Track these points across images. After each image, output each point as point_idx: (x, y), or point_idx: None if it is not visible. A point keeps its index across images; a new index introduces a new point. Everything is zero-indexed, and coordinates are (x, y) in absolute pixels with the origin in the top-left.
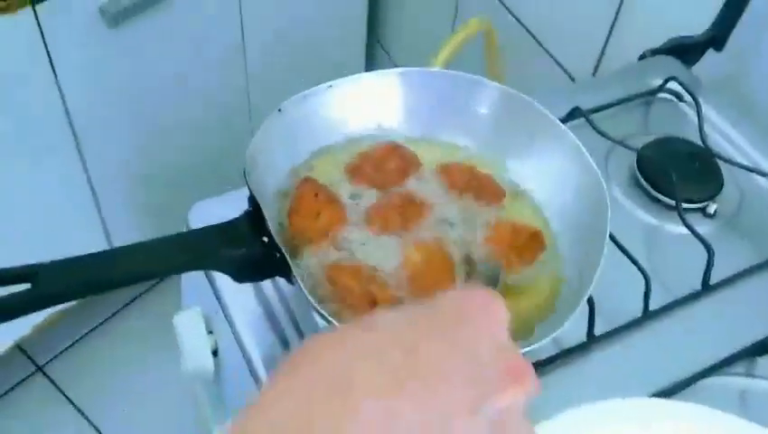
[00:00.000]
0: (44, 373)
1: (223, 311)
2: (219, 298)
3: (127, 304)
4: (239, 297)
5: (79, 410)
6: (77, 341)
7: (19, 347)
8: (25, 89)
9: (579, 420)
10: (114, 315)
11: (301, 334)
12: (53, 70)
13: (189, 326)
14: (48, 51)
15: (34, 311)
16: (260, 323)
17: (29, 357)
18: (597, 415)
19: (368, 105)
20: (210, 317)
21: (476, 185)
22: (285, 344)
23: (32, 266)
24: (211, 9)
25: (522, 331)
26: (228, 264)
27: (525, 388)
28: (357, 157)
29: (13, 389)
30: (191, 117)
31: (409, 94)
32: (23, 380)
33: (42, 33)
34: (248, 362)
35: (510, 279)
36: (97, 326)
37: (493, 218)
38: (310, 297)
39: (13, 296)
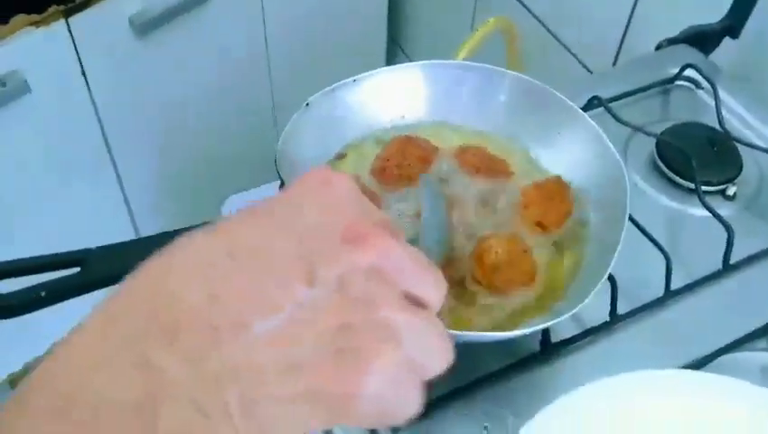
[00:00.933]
0: None
1: None
2: None
3: None
4: None
5: None
6: None
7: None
8: (59, 98)
9: (605, 391)
10: None
11: None
12: (85, 79)
13: None
14: (80, 61)
15: (84, 293)
16: None
17: None
18: (624, 386)
19: (392, 97)
20: None
21: (489, 166)
22: None
23: (82, 251)
24: (235, 13)
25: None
26: None
27: (364, 250)
28: (378, 160)
29: None
30: (218, 120)
31: (432, 86)
32: None
33: (74, 43)
34: None
35: (555, 237)
36: None
37: (515, 189)
38: None
39: (63, 279)
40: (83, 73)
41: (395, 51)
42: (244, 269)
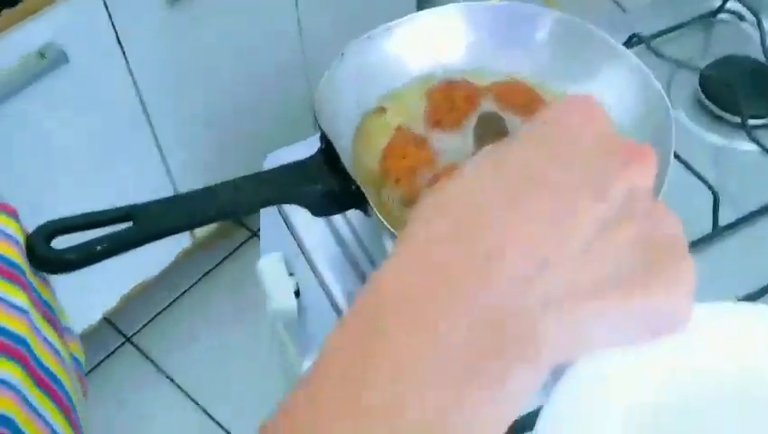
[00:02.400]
0: (133, 344)
1: (303, 253)
2: (298, 242)
3: (208, 272)
4: (318, 238)
5: (170, 379)
6: (162, 310)
7: (107, 320)
8: (97, 66)
9: None
10: (197, 282)
11: (375, 266)
12: (121, 46)
13: (271, 270)
14: (115, 29)
15: (136, 247)
16: (339, 261)
17: (117, 329)
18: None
19: (427, 43)
20: (290, 261)
21: (531, 105)
22: (363, 279)
23: (133, 206)
24: None
25: None
26: (306, 198)
27: (645, 163)
28: (428, 113)
29: (102, 362)
30: (252, 79)
31: (468, 28)
32: (113, 352)
33: (108, 12)
34: (330, 298)
35: None
36: (181, 295)
37: None
38: (386, 223)
39: (118, 234)
40: (118, 41)
41: (425, 4)
42: (536, 198)
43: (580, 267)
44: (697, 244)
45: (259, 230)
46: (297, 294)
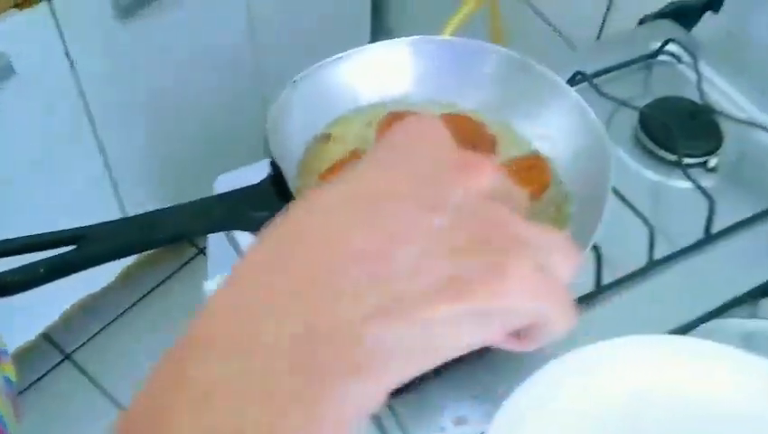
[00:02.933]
0: (72, 361)
1: None
2: None
3: (153, 289)
4: None
5: (109, 397)
6: (104, 327)
7: (46, 336)
8: (44, 79)
9: (590, 357)
10: (141, 299)
11: None
12: (70, 60)
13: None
14: (64, 42)
15: (81, 270)
16: None
17: (56, 345)
18: (609, 351)
19: (378, 74)
20: None
21: (474, 139)
22: None
23: (79, 229)
24: None
25: None
26: (255, 224)
27: (478, 170)
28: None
29: (41, 378)
30: (203, 100)
31: (418, 62)
32: (52, 369)
33: (58, 25)
34: None
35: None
36: (123, 313)
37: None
38: None
39: (60, 256)
40: (67, 54)
41: (379, 29)
42: (379, 210)
43: (413, 277)
44: (632, 277)
45: (206, 248)
46: None
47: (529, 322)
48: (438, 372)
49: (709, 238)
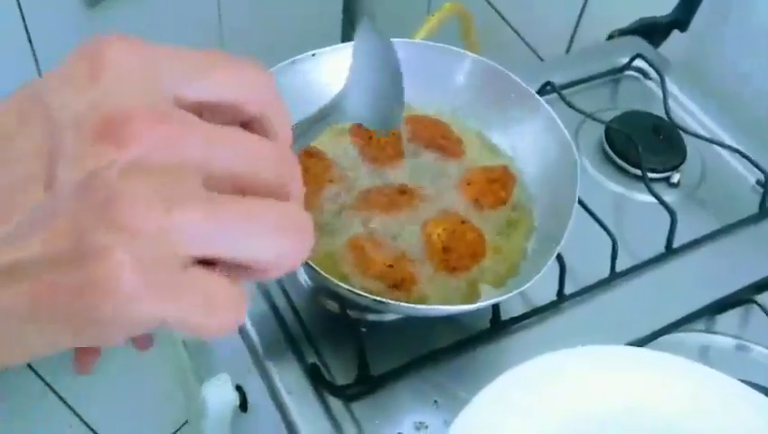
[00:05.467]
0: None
1: None
2: None
3: None
4: None
5: (54, 392)
6: None
7: None
8: (6, 70)
9: (551, 365)
10: None
11: (283, 288)
12: (32, 47)
13: None
14: (27, 29)
15: None
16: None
17: None
18: (568, 360)
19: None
20: None
21: (441, 144)
22: (268, 298)
23: None
24: None
25: (495, 284)
26: None
27: (120, 146)
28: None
29: None
30: None
31: None
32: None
33: (21, 12)
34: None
35: (490, 219)
36: None
37: (463, 167)
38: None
39: None
40: (29, 41)
41: (350, 36)
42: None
43: None
44: (593, 288)
45: None
46: None
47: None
48: (398, 375)
49: (670, 252)
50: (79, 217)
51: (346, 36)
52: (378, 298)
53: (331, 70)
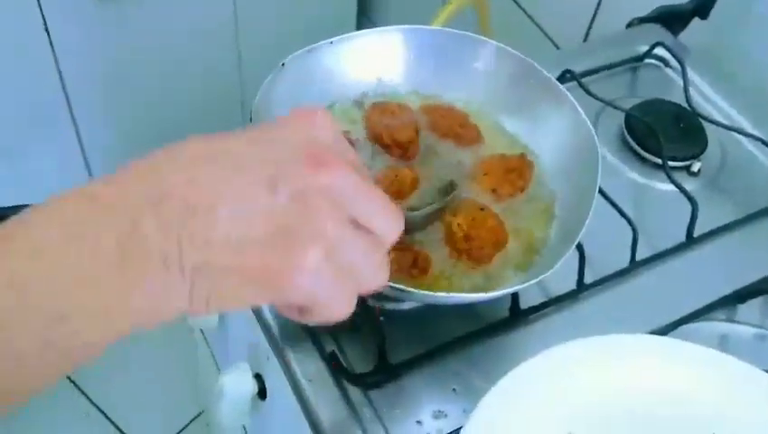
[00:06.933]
0: None
1: None
2: None
3: None
4: None
5: (70, 380)
6: None
7: None
8: (20, 54)
9: (570, 355)
10: None
11: None
12: (48, 36)
13: None
14: (44, 18)
15: None
16: None
17: None
18: (588, 349)
19: (366, 61)
20: None
21: (459, 132)
22: None
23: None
24: None
25: (516, 269)
26: None
27: (321, 174)
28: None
29: None
30: (184, 85)
31: (409, 51)
32: None
33: (40, 6)
34: (254, 310)
35: (505, 207)
36: None
37: (480, 155)
38: None
39: None
40: (46, 29)
41: (364, 24)
42: (220, 166)
43: (226, 223)
44: (613, 278)
45: None
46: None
47: (306, 303)
48: (417, 363)
49: (691, 241)
50: (292, 217)
51: (361, 24)
52: (397, 286)
53: (348, 58)
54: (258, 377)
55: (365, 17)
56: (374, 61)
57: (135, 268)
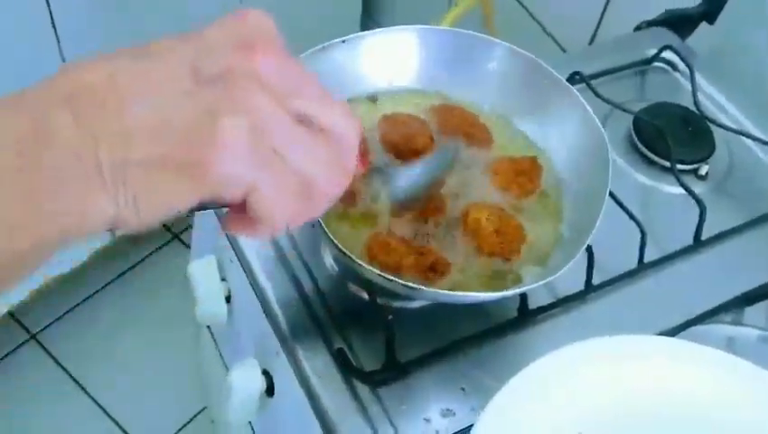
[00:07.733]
0: (37, 341)
1: (238, 257)
2: (233, 245)
3: (123, 273)
4: (254, 242)
5: (73, 378)
6: (72, 309)
7: (12, 315)
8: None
9: (578, 355)
10: (111, 282)
11: (311, 275)
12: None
13: (203, 273)
14: (52, 17)
15: None
16: (274, 267)
17: (22, 325)
18: (595, 350)
19: (381, 61)
20: (222, 266)
21: (469, 132)
22: (297, 286)
23: None
24: None
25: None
26: None
27: (249, 58)
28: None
29: (4, 358)
30: None
31: (419, 51)
32: (16, 349)
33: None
34: (263, 304)
35: (518, 209)
36: (92, 295)
37: (491, 156)
38: (328, 232)
39: None
40: (53, 25)
41: (368, 26)
42: (142, 60)
43: (141, 113)
44: (621, 279)
45: (181, 233)
46: (228, 299)
47: (238, 193)
48: (426, 362)
49: (699, 244)
50: (215, 100)
51: (365, 26)
52: (408, 284)
53: (360, 56)
54: (266, 374)
55: (370, 19)
56: (386, 60)
57: (44, 168)
